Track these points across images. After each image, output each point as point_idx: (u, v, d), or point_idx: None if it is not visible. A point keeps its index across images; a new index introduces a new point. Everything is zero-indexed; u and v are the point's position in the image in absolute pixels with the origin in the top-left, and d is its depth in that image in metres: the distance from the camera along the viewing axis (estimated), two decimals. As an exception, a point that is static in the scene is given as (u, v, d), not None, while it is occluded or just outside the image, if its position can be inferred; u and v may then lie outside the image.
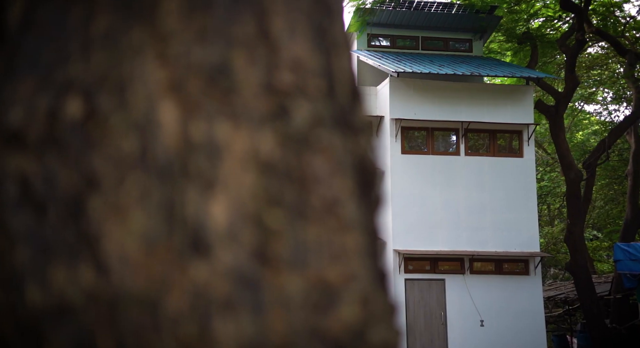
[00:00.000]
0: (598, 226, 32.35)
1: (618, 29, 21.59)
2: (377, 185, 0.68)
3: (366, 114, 0.70)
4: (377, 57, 18.03)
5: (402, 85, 16.69)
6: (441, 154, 16.81)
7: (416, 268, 16.02)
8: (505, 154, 17.06)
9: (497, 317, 15.93)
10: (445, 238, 16.12)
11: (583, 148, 28.00)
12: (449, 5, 19.23)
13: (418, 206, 16.19)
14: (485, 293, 16.01)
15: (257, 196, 0.54)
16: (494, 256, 16.25)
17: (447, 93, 16.83)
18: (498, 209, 16.47)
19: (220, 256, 0.51)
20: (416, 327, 15.63)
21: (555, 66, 24.00)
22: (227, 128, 0.54)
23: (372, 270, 0.59)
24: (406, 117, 16.50)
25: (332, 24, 0.65)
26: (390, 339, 0.57)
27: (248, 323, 0.51)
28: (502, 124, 17.02)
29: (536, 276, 16.58)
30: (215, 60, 0.55)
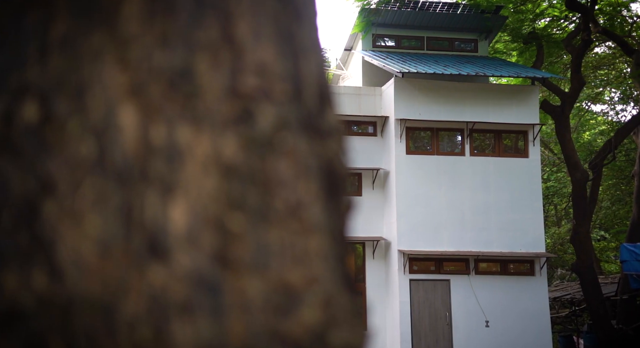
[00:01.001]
0: (605, 227, 32.21)
1: (625, 29, 21.49)
2: (344, 189, 0.68)
3: (337, 118, 0.70)
4: (382, 57, 18.01)
5: (407, 85, 16.67)
6: (446, 154, 16.78)
7: (421, 268, 15.99)
8: (511, 154, 17.01)
9: (503, 318, 15.88)
10: (450, 238, 16.09)
11: (589, 148, 27.88)
12: (454, 5, 19.19)
13: (423, 206, 16.16)
14: (490, 294, 15.96)
15: (218, 199, 0.54)
16: (499, 256, 16.21)
17: (452, 93, 16.80)
18: (503, 210, 16.42)
19: (179, 260, 0.51)
20: (421, 327, 15.60)
21: (562, 66, 23.91)
22: (189, 132, 0.55)
23: (335, 272, 0.59)
24: (411, 118, 16.48)
25: (301, 28, 0.65)
26: (353, 342, 0.58)
27: (207, 327, 0.51)
28: (507, 125, 16.97)
29: (542, 277, 16.52)
30: (178, 64, 0.55)
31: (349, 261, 0.66)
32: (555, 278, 31.29)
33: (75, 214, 0.48)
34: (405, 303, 15.50)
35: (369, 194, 16.90)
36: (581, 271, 17.46)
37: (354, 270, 0.68)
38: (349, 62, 20.85)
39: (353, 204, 0.72)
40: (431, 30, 19.33)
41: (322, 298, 0.56)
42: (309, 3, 0.68)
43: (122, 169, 0.51)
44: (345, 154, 0.70)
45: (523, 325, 15.92)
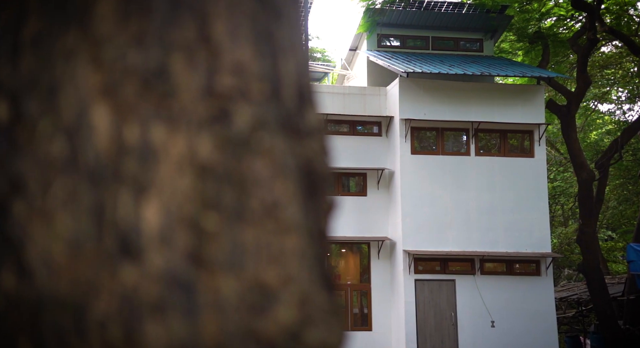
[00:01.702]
0: (612, 227, 32.07)
1: (632, 28, 21.39)
2: (325, 189, 0.68)
3: (319, 118, 0.70)
4: (387, 57, 17.99)
5: (411, 85, 16.65)
6: (451, 154, 16.75)
7: (426, 268, 15.96)
8: (516, 154, 16.97)
9: (508, 318, 15.83)
10: (455, 238, 16.05)
11: (596, 148, 27.76)
12: (460, 4, 19.15)
13: (428, 206, 16.14)
14: (496, 294, 15.92)
15: (193, 199, 0.55)
16: (504, 256, 16.16)
17: (457, 93, 16.77)
18: (509, 210, 16.38)
19: (152, 259, 0.52)
20: (426, 327, 15.57)
21: (568, 65, 23.82)
22: (164, 132, 0.55)
23: (313, 272, 0.59)
24: (416, 118, 16.46)
25: (280, 28, 0.65)
26: (329, 340, 0.58)
27: (179, 326, 0.51)
28: (512, 124, 16.93)
29: (547, 277, 16.47)
30: (153, 64, 0.55)
31: (329, 260, 0.66)
32: (562, 278, 31.18)
33: (46, 214, 0.48)
34: (410, 304, 15.47)
35: (374, 194, 16.88)
36: (587, 272, 17.39)
37: (334, 269, 0.68)
38: (354, 62, 20.84)
39: (336, 204, 0.72)
40: (436, 30, 19.30)
41: (297, 297, 0.56)
42: (290, 3, 0.68)
43: (95, 169, 0.52)
44: (327, 154, 0.70)
45: (529, 325, 15.86)
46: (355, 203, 16.72)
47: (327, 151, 0.71)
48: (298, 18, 0.71)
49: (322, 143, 0.70)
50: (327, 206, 0.71)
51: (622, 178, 27.98)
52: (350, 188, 17.17)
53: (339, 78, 22.58)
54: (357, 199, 16.79)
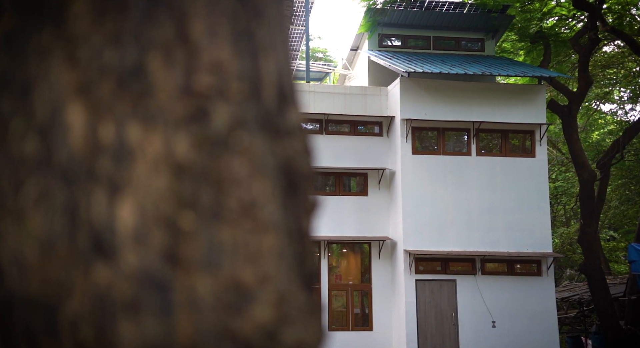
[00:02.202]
0: (614, 227, 32.04)
1: (634, 28, 21.35)
2: (307, 188, 0.68)
3: (300, 117, 0.70)
4: (388, 57, 17.99)
5: (412, 85, 16.64)
6: (452, 154, 16.74)
7: (427, 268, 15.96)
8: (517, 154, 16.95)
9: (509, 318, 15.82)
10: (456, 238, 16.05)
11: (598, 148, 27.73)
12: (461, 4, 19.14)
13: (429, 206, 16.13)
14: (497, 294, 15.91)
15: (169, 198, 0.54)
16: (505, 256, 16.15)
17: (459, 93, 16.76)
18: (510, 210, 16.36)
19: (127, 259, 0.51)
20: (427, 327, 15.56)
21: (570, 65, 23.79)
22: (140, 131, 0.55)
23: (290, 271, 0.59)
24: (417, 118, 16.45)
25: (261, 26, 0.65)
26: (306, 340, 0.57)
27: (153, 325, 0.51)
28: (514, 124, 16.91)
29: (549, 277, 16.45)
30: (129, 63, 0.55)
31: (311, 260, 0.66)
32: (564, 278, 31.15)
33: (17, 213, 0.48)
34: (411, 304, 15.47)
35: (374, 194, 16.88)
36: (589, 272, 17.37)
37: (314, 268, 0.67)
38: (355, 62, 20.84)
39: (318, 203, 0.72)
40: (437, 29, 19.29)
41: (274, 296, 0.56)
42: (271, 2, 0.68)
43: (69, 168, 0.51)
44: (309, 153, 0.70)
45: (530, 325, 15.85)
46: (356, 203, 16.72)
47: (309, 151, 0.71)
48: (281, 17, 0.71)
49: (304, 142, 0.70)
50: (310, 206, 0.71)
51: (624, 178, 27.94)
52: (351, 188, 17.17)
53: (340, 78, 22.58)
54: (358, 199, 16.79)
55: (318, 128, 17.09)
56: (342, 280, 16.68)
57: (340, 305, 16.48)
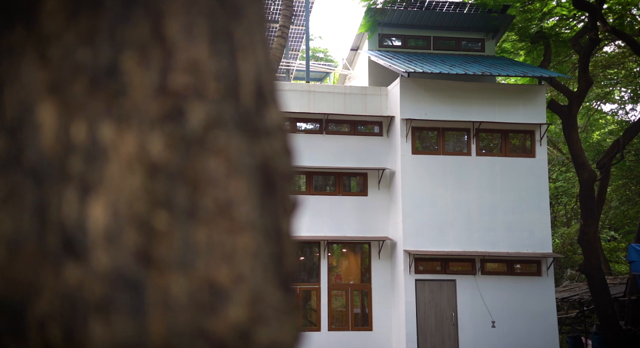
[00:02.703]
0: (615, 227, 32.01)
1: (635, 28, 21.33)
2: (286, 188, 0.68)
3: (280, 117, 0.70)
4: (388, 57, 17.98)
5: (412, 85, 16.64)
6: (452, 154, 16.73)
7: (427, 268, 15.95)
8: (517, 154, 16.94)
9: (509, 318, 15.82)
10: (456, 238, 16.04)
11: (598, 148, 27.71)
12: (461, 4, 19.13)
13: (429, 206, 16.13)
14: (496, 294, 15.90)
15: (143, 197, 0.54)
16: (505, 257, 16.14)
17: (459, 93, 16.76)
18: (510, 210, 16.36)
19: (98, 258, 0.51)
20: (427, 327, 15.56)
21: (570, 65, 23.77)
22: (113, 130, 0.55)
23: (266, 271, 0.59)
24: (417, 118, 16.45)
25: (239, 26, 0.65)
26: (280, 339, 0.57)
27: (125, 326, 0.51)
28: (514, 124, 16.90)
29: (548, 277, 16.45)
30: (103, 62, 0.55)
31: (290, 260, 0.66)
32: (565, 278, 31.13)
33: (-14, 212, 0.48)
34: (411, 303, 15.46)
35: (374, 194, 16.88)
36: (589, 272, 17.36)
37: (293, 268, 0.67)
38: (356, 62, 20.84)
39: (299, 203, 0.72)
40: (438, 29, 19.29)
41: (249, 296, 0.56)
42: (251, 2, 0.68)
43: (39, 168, 0.51)
44: (289, 153, 0.70)
45: (530, 325, 15.85)
46: (356, 203, 16.72)
47: (289, 151, 0.71)
48: (261, 17, 0.71)
49: (284, 142, 0.70)
50: (290, 206, 0.70)
51: (625, 178, 27.91)
52: (351, 188, 17.17)
53: (340, 78, 22.58)
54: (358, 199, 16.79)
55: (318, 128, 17.09)
56: (342, 280, 16.68)
57: (340, 305, 16.48)
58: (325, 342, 15.93)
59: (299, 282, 16.48)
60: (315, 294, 16.38)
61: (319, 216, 16.40)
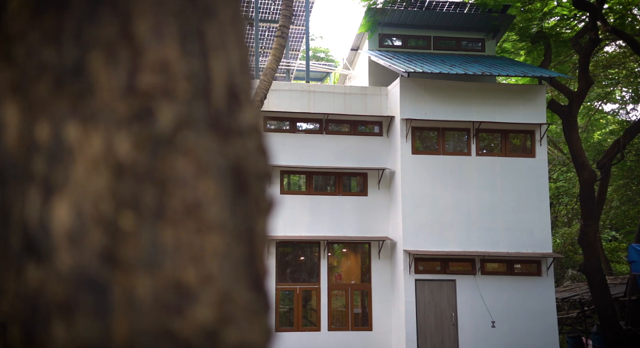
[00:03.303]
0: (616, 227, 31.98)
1: (635, 28, 21.31)
2: (261, 188, 0.67)
3: (254, 117, 0.69)
4: (389, 57, 17.98)
5: (412, 85, 16.63)
6: (452, 154, 16.72)
7: (427, 268, 15.94)
8: (517, 154, 16.93)
9: (509, 318, 15.81)
10: (456, 238, 16.03)
11: (599, 148, 27.68)
12: (461, 4, 19.12)
13: (429, 206, 16.12)
14: (496, 294, 15.89)
15: (108, 198, 0.54)
16: (505, 257, 16.14)
17: (459, 93, 16.75)
18: (510, 210, 16.35)
19: (61, 259, 0.51)
20: (426, 327, 15.56)
21: (571, 65, 23.75)
22: (79, 130, 0.54)
23: (237, 271, 0.59)
24: (417, 118, 16.44)
25: (212, 26, 0.65)
26: (249, 340, 0.57)
27: (88, 326, 0.51)
28: (514, 124, 16.89)
29: (548, 277, 16.43)
30: (68, 62, 0.55)
31: (261, 260, 0.66)
32: (566, 278, 31.11)
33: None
34: (410, 303, 15.46)
35: (374, 194, 16.88)
36: (589, 272, 17.34)
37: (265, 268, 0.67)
38: (356, 62, 20.84)
39: (274, 203, 0.71)
40: (438, 29, 19.28)
41: (217, 296, 0.56)
42: (224, 2, 0.67)
43: (2, 168, 0.51)
44: (264, 153, 0.69)
45: (530, 325, 15.84)
46: (356, 203, 16.71)
47: (264, 151, 0.71)
48: (235, 17, 0.70)
49: (258, 142, 0.69)
50: (265, 206, 0.70)
51: (626, 178, 27.88)
52: (351, 188, 17.17)
53: (340, 78, 22.57)
54: (358, 199, 16.79)
55: (318, 128, 17.08)
56: (342, 280, 16.68)
57: (340, 305, 16.48)
58: (325, 342, 15.93)
59: (299, 282, 16.48)
60: (315, 294, 16.38)
61: (319, 216, 16.40)
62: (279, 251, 16.41)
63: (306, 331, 16.00)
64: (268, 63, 10.18)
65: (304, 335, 15.92)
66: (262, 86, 9.96)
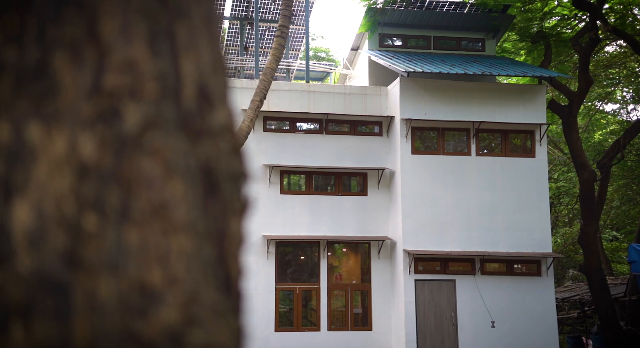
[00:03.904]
0: (617, 227, 31.95)
1: (636, 28, 21.29)
2: (234, 189, 0.67)
3: (226, 117, 0.69)
4: (388, 57, 17.97)
5: (412, 85, 16.62)
6: (452, 154, 16.72)
7: (427, 268, 15.94)
8: (517, 154, 16.91)
9: (509, 318, 15.80)
10: (456, 238, 16.03)
11: (599, 148, 27.65)
12: (461, 4, 19.11)
13: (429, 206, 16.11)
14: (496, 294, 15.89)
15: (71, 199, 0.54)
16: (505, 257, 16.13)
17: (458, 93, 16.74)
18: (510, 210, 16.34)
19: (21, 260, 0.51)
20: (426, 327, 15.55)
21: (572, 65, 23.73)
22: (41, 131, 0.54)
23: (205, 272, 0.59)
24: (417, 118, 16.44)
25: (183, 27, 0.64)
26: (215, 341, 0.57)
27: (48, 328, 0.50)
28: (514, 124, 16.88)
29: (548, 277, 16.42)
30: (31, 61, 0.55)
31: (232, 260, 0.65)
32: (567, 278, 31.09)
33: None
34: (410, 303, 15.45)
35: (374, 194, 16.87)
36: (589, 272, 17.33)
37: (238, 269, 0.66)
38: (356, 62, 20.83)
39: (249, 203, 0.71)
40: (438, 29, 19.27)
41: (182, 297, 0.56)
42: (195, 3, 0.67)
43: (-38, 169, 0.51)
44: (237, 153, 0.69)
45: (529, 325, 15.83)
46: (355, 203, 16.71)
47: (237, 151, 0.70)
48: (208, 17, 0.70)
49: (231, 142, 0.69)
50: (239, 206, 0.69)
51: (626, 178, 27.86)
52: (351, 188, 17.16)
53: (340, 78, 22.57)
54: (358, 199, 16.79)
55: (318, 128, 17.08)
56: (342, 280, 16.68)
57: (340, 305, 16.47)
58: (325, 342, 15.92)
59: (298, 282, 16.47)
60: (315, 294, 16.38)
61: (319, 216, 16.39)
62: (279, 251, 16.40)
63: (306, 331, 15.99)
64: (268, 63, 10.17)
65: (303, 335, 15.91)
66: (262, 86, 9.95)
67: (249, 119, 9.58)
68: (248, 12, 20.26)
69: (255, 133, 16.02)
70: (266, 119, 16.71)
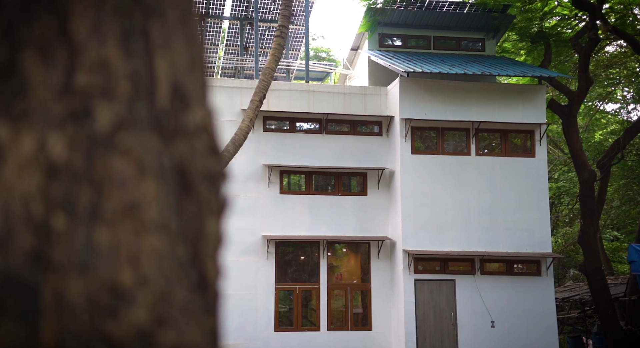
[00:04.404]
0: (617, 227, 31.93)
1: (636, 28, 21.27)
2: (211, 188, 0.67)
3: (203, 117, 0.68)
4: (388, 57, 17.97)
5: (412, 85, 16.62)
6: (452, 154, 16.71)
7: (426, 268, 15.93)
8: (517, 154, 16.90)
9: (508, 318, 15.79)
10: (455, 238, 16.02)
11: (599, 148, 27.63)
12: (461, 4, 19.10)
13: (428, 206, 16.11)
14: (496, 294, 15.88)
15: (39, 199, 0.53)
16: (505, 257, 16.12)
17: (458, 93, 16.73)
18: (509, 210, 16.33)
19: (-12, 260, 0.50)
20: (426, 327, 15.55)
21: (572, 65, 23.72)
22: (9, 130, 0.54)
23: (178, 272, 0.58)
24: (416, 117, 16.43)
25: (158, 26, 0.64)
26: (186, 341, 0.56)
27: (14, 329, 0.50)
28: (513, 124, 16.87)
29: (548, 277, 16.41)
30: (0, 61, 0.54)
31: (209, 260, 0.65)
32: (568, 278, 31.07)
33: None
34: (410, 303, 15.45)
35: (374, 194, 16.87)
36: (589, 272, 17.32)
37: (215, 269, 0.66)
38: (356, 62, 20.83)
39: (227, 203, 0.71)
40: (438, 29, 19.26)
41: (153, 297, 0.55)
42: (171, 3, 0.66)
43: None
44: (214, 153, 0.69)
45: (529, 325, 15.82)
46: (355, 203, 16.71)
47: (214, 151, 0.70)
48: (185, 17, 0.69)
49: (207, 142, 0.68)
50: (217, 206, 0.69)
51: (626, 178, 27.84)
52: (351, 188, 17.16)
53: (340, 78, 22.57)
54: (358, 199, 16.78)
55: (318, 128, 17.08)
56: (342, 280, 16.68)
57: (340, 305, 16.47)
58: (324, 342, 15.92)
59: (298, 282, 16.47)
60: (315, 294, 16.38)
61: (319, 216, 16.39)
62: (278, 251, 16.40)
63: (306, 331, 15.99)
64: (267, 63, 10.17)
65: (303, 335, 15.90)
66: (262, 86, 9.95)
67: (249, 119, 9.58)
68: (248, 12, 20.26)
69: (255, 132, 16.02)
70: (266, 119, 16.70)
